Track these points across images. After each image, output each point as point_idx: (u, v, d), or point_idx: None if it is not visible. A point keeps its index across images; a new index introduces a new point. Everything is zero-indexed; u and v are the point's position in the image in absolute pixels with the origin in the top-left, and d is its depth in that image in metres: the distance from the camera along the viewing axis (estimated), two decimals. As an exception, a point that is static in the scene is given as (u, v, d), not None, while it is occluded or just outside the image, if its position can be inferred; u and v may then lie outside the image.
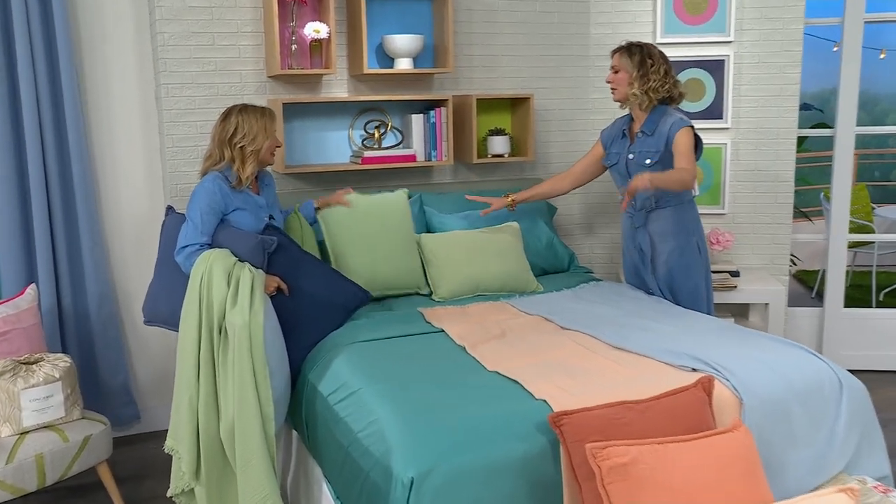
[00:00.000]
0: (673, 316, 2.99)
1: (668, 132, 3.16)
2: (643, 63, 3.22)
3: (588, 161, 3.56)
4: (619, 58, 3.26)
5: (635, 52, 3.24)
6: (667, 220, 3.28)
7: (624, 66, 3.24)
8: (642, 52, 3.24)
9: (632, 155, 3.28)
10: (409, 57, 3.78)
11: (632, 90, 3.22)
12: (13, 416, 2.88)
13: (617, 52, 3.29)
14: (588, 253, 4.47)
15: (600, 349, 2.64)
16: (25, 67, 3.39)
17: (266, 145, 3.00)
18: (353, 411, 2.36)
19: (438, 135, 3.84)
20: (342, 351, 2.75)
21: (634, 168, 3.27)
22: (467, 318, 3.05)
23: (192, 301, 2.70)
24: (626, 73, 3.24)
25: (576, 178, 3.60)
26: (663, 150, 3.18)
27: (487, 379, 2.41)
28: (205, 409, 2.67)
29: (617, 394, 2.23)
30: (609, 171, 3.47)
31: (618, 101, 3.33)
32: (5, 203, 3.47)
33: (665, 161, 3.19)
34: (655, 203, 3.28)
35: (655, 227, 3.30)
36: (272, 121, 3.02)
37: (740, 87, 4.19)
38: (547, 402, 2.19)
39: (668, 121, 3.20)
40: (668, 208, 3.28)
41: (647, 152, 3.23)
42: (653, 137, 3.22)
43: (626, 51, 3.26)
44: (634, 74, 3.21)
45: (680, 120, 3.18)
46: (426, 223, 3.72)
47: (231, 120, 2.96)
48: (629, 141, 3.33)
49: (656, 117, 3.24)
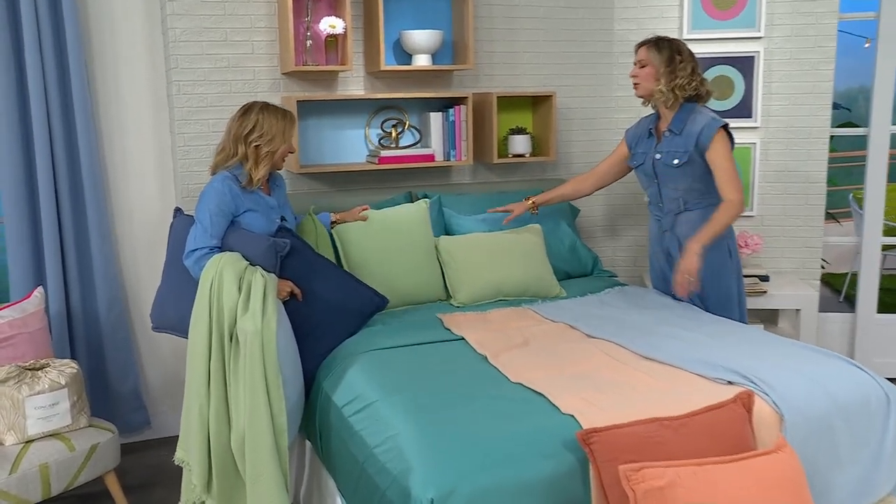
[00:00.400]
0: (704, 323, 2.86)
1: (700, 133, 3.02)
2: (672, 59, 3.08)
3: (612, 161, 3.43)
4: (646, 51, 3.12)
5: (664, 46, 3.10)
6: (696, 222, 3.14)
7: (651, 61, 3.10)
8: (671, 47, 3.10)
9: (659, 155, 3.14)
10: (428, 53, 3.66)
11: (658, 86, 3.08)
12: (17, 425, 2.79)
13: (644, 46, 3.14)
14: (611, 256, 4.33)
15: (629, 359, 2.51)
16: (34, 64, 3.30)
17: (282, 149, 2.90)
18: (369, 425, 2.24)
19: (458, 134, 3.71)
20: (358, 359, 2.64)
21: (661, 169, 3.13)
22: (488, 325, 2.93)
23: (202, 307, 2.60)
24: (652, 67, 3.09)
25: (599, 179, 3.47)
26: (692, 150, 3.04)
27: (510, 391, 2.29)
28: (215, 419, 2.57)
29: (649, 409, 2.10)
30: (635, 171, 3.33)
31: (640, 97, 3.19)
32: (14, 204, 3.38)
33: (694, 161, 3.05)
34: (684, 205, 3.14)
35: (684, 231, 3.16)
36: (292, 125, 2.92)
37: (770, 85, 4.04)
38: (575, 417, 2.07)
39: (698, 120, 3.06)
40: (698, 210, 3.14)
41: (674, 152, 3.09)
42: (681, 137, 3.08)
43: (654, 45, 3.11)
44: (662, 70, 3.07)
45: (712, 120, 3.04)
46: (445, 225, 3.59)
47: (251, 116, 2.86)
48: (656, 140, 3.19)
49: (684, 115, 3.10)
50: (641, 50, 3.14)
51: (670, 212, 3.18)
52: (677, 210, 3.16)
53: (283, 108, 2.93)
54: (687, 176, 3.08)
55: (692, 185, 3.09)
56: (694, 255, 2.90)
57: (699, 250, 2.90)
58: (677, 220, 3.17)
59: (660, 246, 3.27)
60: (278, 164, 2.96)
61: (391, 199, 3.65)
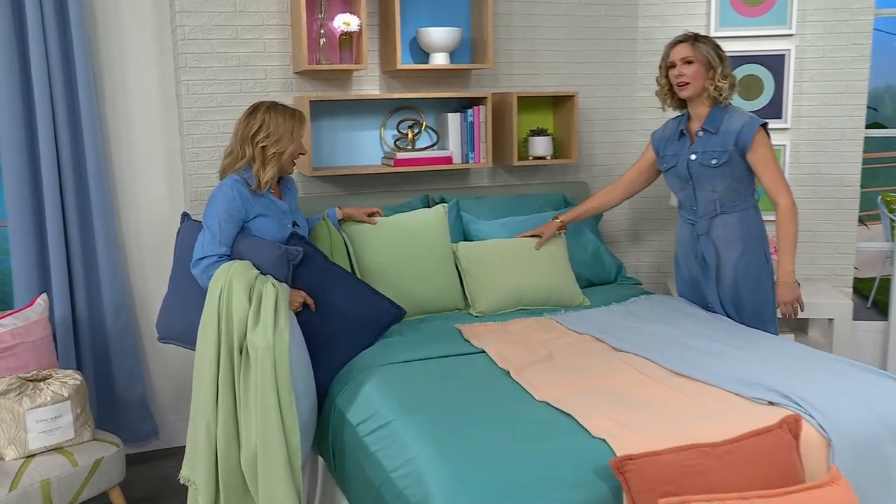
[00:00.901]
0: (737, 336, 2.71)
1: (739, 132, 2.87)
2: (720, 54, 2.94)
3: (640, 168, 3.28)
4: (689, 48, 2.93)
5: (705, 40, 2.95)
6: (733, 226, 2.99)
7: (699, 58, 2.92)
8: (710, 40, 2.96)
9: (694, 156, 2.99)
10: (446, 52, 3.52)
11: (712, 84, 2.92)
12: (18, 439, 2.68)
13: (684, 43, 2.96)
14: (634, 262, 4.19)
15: (660, 376, 2.37)
16: (39, 64, 3.19)
17: (290, 150, 2.76)
18: (386, 446, 2.11)
19: (476, 135, 3.58)
20: (373, 373, 2.50)
21: (697, 170, 2.98)
22: (509, 337, 2.79)
23: (210, 318, 2.47)
24: (701, 65, 2.92)
25: (627, 188, 3.32)
26: (731, 150, 2.89)
27: (536, 411, 2.15)
28: (224, 436, 2.44)
29: (686, 432, 1.95)
30: (665, 175, 3.18)
31: (688, 98, 2.99)
32: (18, 208, 3.27)
33: (734, 161, 2.91)
34: (720, 208, 2.99)
35: (720, 235, 3.01)
36: (301, 125, 2.78)
37: (801, 84, 3.88)
38: (607, 441, 1.93)
39: (735, 118, 2.91)
40: (735, 213, 2.98)
41: (712, 152, 2.94)
42: (717, 136, 2.93)
43: (695, 40, 2.95)
44: (716, 64, 2.91)
45: (752, 119, 2.89)
46: (463, 230, 3.46)
47: (257, 116, 2.74)
48: (689, 141, 3.04)
49: (719, 114, 2.95)
50: (682, 47, 2.95)
51: (705, 215, 3.03)
52: (713, 213, 3.01)
53: (293, 108, 2.81)
54: (725, 176, 2.94)
55: (730, 186, 2.95)
56: (791, 285, 2.88)
57: (793, 278, 2.88)
58: (713, 224, 3.02)
59: (692, 251, 3.12)
60: (287, 166, 2.82)
61: (407, 202, 3.51)
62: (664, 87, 3.06)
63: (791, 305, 2.90)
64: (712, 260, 3.02)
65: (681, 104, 3.08)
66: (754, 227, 3.00)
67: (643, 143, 4.05)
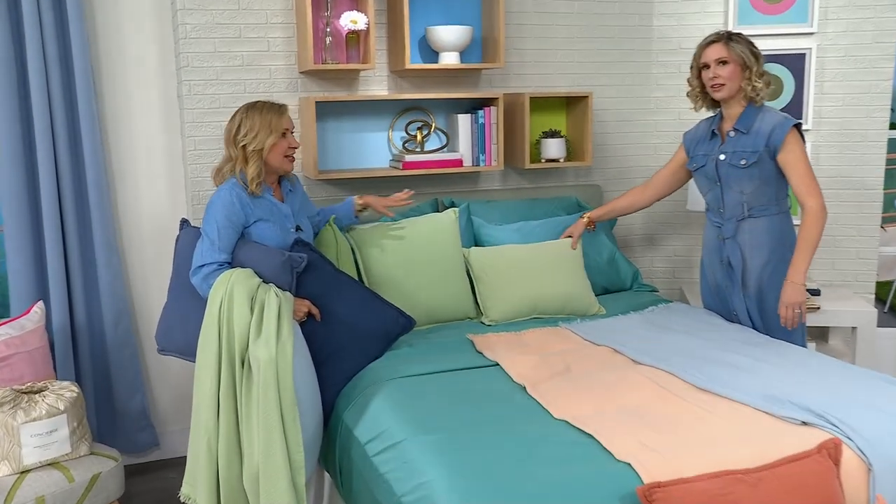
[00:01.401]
0: (761, 348, 2.59)
1: (771, 133, 2.77)
2: (755, 52, 2.83)
3: (671, 169, 3.18)
4: (724, 48, 2.82)
5: (742, 39, 2.84)
6: (761, 230, 2.87)
7: (734, 58, 2.81)
8: (747, 39, 2.85)
9: (723, 156, 2.87)
10: (456, 51, 3.40)
11: (749, 84, 2.81)
12: (12, 454, 2.57)
13: (717, 43, 2.84)
14: (648, 267, 4.07)
15: (684, 391, 2.25)
16: (36, 63, 3.08)
17: (269, 143, 2.61)
18: (396, 468, 1.99)
19: (487, 137, 3.46)
20: (382, 388, 2.39)
21: (726, 170, 2.87)
22: (524, 348, 2.68)
23: (211, 329, 2.36)
24: (737, 65, 2.81)
25: (658, 190, 3.22)
26: (762, 151, 2.78)
27: (555, 430, 2.03)
28: (226, 453, 2.33)
29: (716, 456, 1.84)
30: (694, 175, 3.06)
31: (722, 99, 2.88)
32: (14, 211, 3.16)
33: (763, 163, 2.80)
34: (748, 211, 2.87)
35: (747, 239, 2.89)
36: (279, 116, 2.65)
37: (823, 84, 3.76)
38: (632, 465, 1.81)
39: (768, 118, 2.81)
40: (763, 218, 2.87)
41: (742, 152, 2.83)
42: (748, 136, 2.83)
43: (729, 39, 2.83)
44: (753, 66, 2.80)
45: (784, 119, 2.78)
46: (474, 235, 3.34)
47: (236, 117, 2.66)
48: (720, 140, 2.92)
49: (752, 113, 2.84)
50: (716, 47, 2.84)
51: (732, 218, 2.91)
52: (740, 216, 2.89)
53: (273, 102, 2.69)
54: (754, 178, 2.82)
55: (759, 188, 2.84)
56: (799, 287, 2.74)
57: (803, 280, 2.74)
58: (740, 227, 2.90)
59: (718, 255, 3.00)
60: (279, 163, 2.67)
61: (416, 207, 3.40)
62: (696, 88, 2.97)
63: (792, 309, 2.75)
64: (738, 265, 2.91)
65: (714, 104, 2.98)
66: (783, 233, 2.89)
67: (658, 145, 3.95)
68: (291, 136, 2.70)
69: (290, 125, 2.69)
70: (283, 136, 2.66)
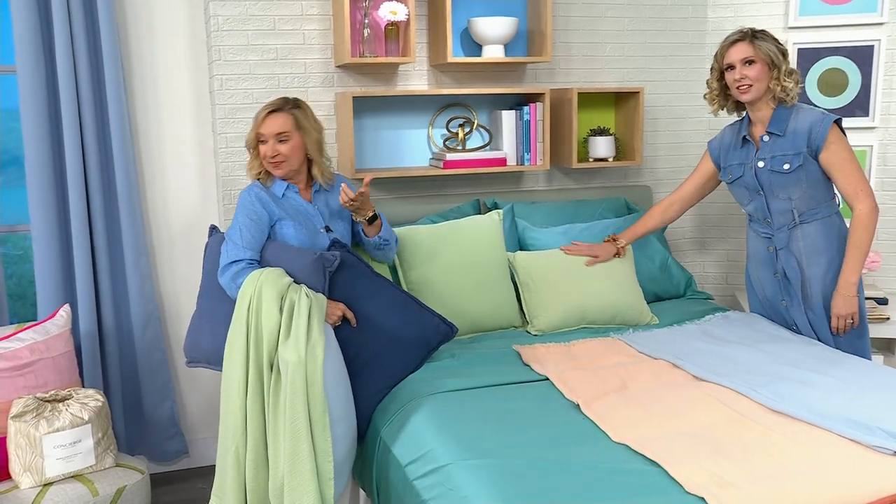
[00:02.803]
0: (836, 365, 2.38)
1: (810, 131, 2.59)
2: (782, 50, 2.66)
3: (697, 182, 2.99)
4: (750, 47, 2.64)
5: (765, 36, 2.66)
6: (816, 235, 2.68)
7: (761, 57, 2.62)
8: (769, 36, 2.66)
9: (762, 162, 2.68)
10: (500, 44, 3.23)
11: (777, 84, 2.63)
12: (35, 465, 2.45)
13: (741, 42, 2.66)
14: (700, 273, 3.85)
15: (754, 412, 2.05)
16: (65, 58, 2.97)
17: (250, 138, 2.56)
18: (440, 494, 1.82)
19: (533, 134, 3.28)
20: (423, 403, 2.22)
21: (767, 177, 2.67)
22: (574, 361, 2.49)
23: (239, 331, 2.22)
24: (764, 64, 2.63)
25: (685, 203, 3.05)
26: (804, 152, 2.60)
27: (615, 455, 1.85)
28: (253, 462, 2.20)
29: (799, 491, 1.64)
30: (730, 187, 2.87)
31: (750, 101, 2.69)
32: (42, 214, 3.04)
33: (808, 164, 2.61)
34: (799, 217, 2.67)
35: (802, 247, 2.70)
36: (259, 117, 2.54)
37: (892, 79, 3.51)
38: (706, 501, 1.62)
39: (804, 116, 2.62)
40: (816, 222, 2.69)
41: (782, 157, 2.64)
42: (785, 138, 2.64)
43: (754, 37, 2.65)
44: (782, 65, 2.63)
45: (822, 116, 2.60)
46: (518, 239, 3.16)
47: None
48: (754, 147, 2.72)
49: (784, 114, 2.66)
50: (741, 46, 2.65)
51: (783, 227, 2.72)
52: (791, 224, 2.69)
53: (277, 99, 2.59)
54: (801, 182, 2.64)
55: (807, 191, 2.65)
56: (851, 298, 2.60)
57: (854, 291, 2.59)
58: (792, 236, 2.71)
59: (769, 269, 2.80)
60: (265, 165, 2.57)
61: (457, 208, 3.23)
62: (715, 91, 2.79)
63: (846, 320, 2.62)
64: (796, 276, 2.71)
65: (738, 106, 2.80)
66: (840, 235, 2.70)
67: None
68: (274, 144, 2.51)
69: (269, 130, 2.51)
70: (262, 142, 2.53)
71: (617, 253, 2.99)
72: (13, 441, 2.45)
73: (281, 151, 2.51)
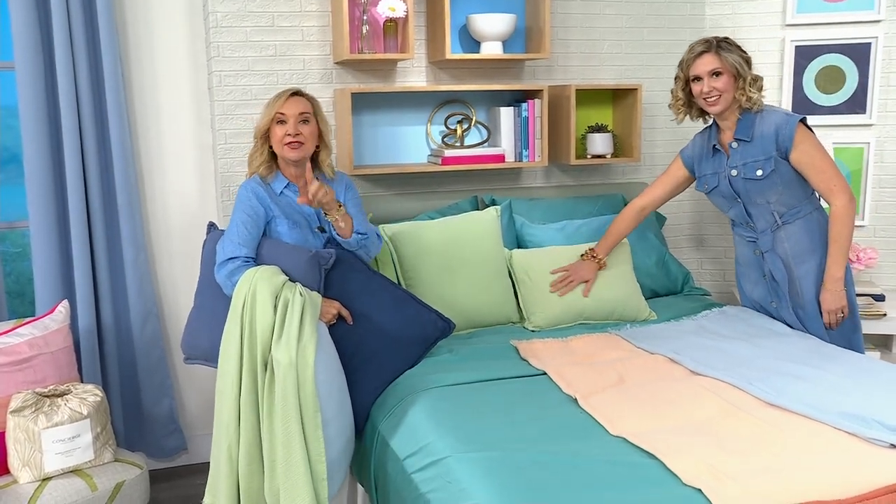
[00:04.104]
0: (831, 360, 2.39)
1: (777, 134, 2.60)
2: (746, 58, 2.65)
3: (669, 185, 2.95)
4: (715, 58, 2.62)
5: (731, 47, 2.65)
6: (800, 235, 2.70)
7: (728, 67, 2.62)
8: (733, 44, 2.66)
9: (734, 171, 2.69)
10: (499, 41, 3.23)
11: (743, 94, 2.62)
12: (33, 460, 2.45)
13: (706, 53, 2.64)
14: (697, 269, 3.86)
15: (753, 407, 2.06)
16: (63, 54, 2.97)
17: (263, 125, 2.53)
18: (439, 487, 1.83)
19: (531, 131, 3.28)
20: (421, 397, 2.23)
21: (742, 185, 2.69)
22: (572, 356, 2.50)
23: (233, 330, 2.23)
24: (730, 75, 2.63)
25: (655, 207, 3.04)
26: (775, 155, 2.61)
27: (613, 449, 1.86)
28: (246, 462, 2.20)
29: (795, 481, 1.65)
30: (708, 196, 2.87)
31: (718, 114, 2.70)
32: (41, 210, 3.04)
33: (780, 167, 2.62)
34: (780, 219, 2.69)
35: (787, 248, 2.72)
36: (277, 98, 2.53)
37: (889, 76, 3.53)
38: (703, 492, 1.63)
39: (768, 120, 2.63)
40: (798, 221, 2.70)
41: (754, 163, 2.65)
42: (753, 143, 2.65)
43: (718, 48, 2.64)
44: (747, 76, 2.62)
45: (787, 116, 2.61)
46: (516, 235, 3.17)
47: None
48: (724, 155, 2.73)
49: (750, 119, 2.66)
50: (708, 58, 2.64)
51: (765, 230, 2.74)
52: (773, 226, 2.71)
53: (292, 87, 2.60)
54: (776, 185, 2.65)
55: (784, 193, 2.67)
56: (838, 293, 2.63)
57: (841, 286, 2.61)
58: (776, 238, 2.73)
59: (757, 272, 2.82)
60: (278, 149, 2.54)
61: (455, 204, 3.24)
62: (680, 100, 2.78)
63: (836, 314, 2.66)
64: (783, 278, 2.73)
65: (702, 112, 2.79)
66: (823, 231, 2.71)
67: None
68: (297, 124, 2.51)
69: (292, 110, 2.51)
70: (281, 123, 2.51)
71: (600, 267, 2.95)
72: (12, 436, 2.45)
73: (302, 132, 2.51)
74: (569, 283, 2.89)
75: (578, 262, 2.94)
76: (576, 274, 2.90)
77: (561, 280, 2.89)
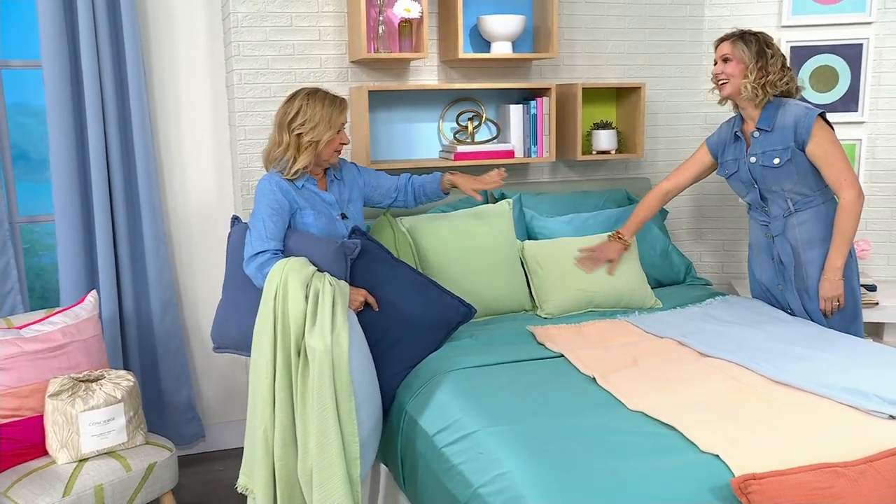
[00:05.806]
0: (833, 343, 2.52)
1: (796, 126, 2.74)
2: (762, 53, 2.79)
3: (695, 171, 3.10)
4: (730, 46, 2.82)
5: (751, 40, 2.81)
6: (811, 223, 2.83)
7: (738, 56, 2.79)
8: (759, 40, 2.81)
9: (753, 158, 2.83)
10: (508, 41, 3.36)
11: (747, 83, 2.78)
12: (71, 442, 2.55)
13: (726, 41, 2.85)
14: (697, 262, 4.00)
15: (761, 385, 2.19)
16: (89, 53, 3.07)
17: (326, 138, 2.60)
18: (471, 458, 1.95)
19: (539, 128, 3.41)
20: (446, 379, 2.35)
21: (760, 172, 2.82)
22: (586, 340, 2.63)
23: (266, 319, 2.32)
24: (740, 63, 2.79)
25: (680, 191, 3.17)
26: (793, 145, 2.75)
27: (633, 422, 1.98)
28: (281, 444, 2.29)
29: (805, 448, 1.78)
30: (727, 181, 3.02)
31: (726, 98, 2.88)
32: (66, 202, 3.14)
33: (796, 158, 2.76)
34: (793, 206, 2.82)
35: (797, 234, 2.84)
36: (340, 112, 2.62)
37: (880, 75, 3.67)
38: (720, 457, 1.76)
39: (790, 112, 2.77)
40: (810, 210, 2.83)
41: (772, 152, 2.79)
42: (773, 133, 2.79)
43: (739, 38, 2.82)
44: (752, 66, 2.78)
45: (807, 110, 2.74)
46: (526, 228, 3.29)
47: (295, 102, 2.62)
48: (745, 143, 2.88)
49: (772, 111, 2.81)
50: (724, 45, 2.85)
51: (778, 215, 2.87)
52: (786, 213, 2.85)
53: (334, 94, 2.65)
54: (792, 174, 2.79)
55: (798, 182, 2.80)
56: (837, 282, 2.76)
57: (840, 275, 2.74)
58: (787, 224, 2.86)
59: (768, 255, 2.95)
60: (328, 156, 2.66)
61: (466, 198, 3.36)
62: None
63: (832, 302, 2.79)
64: (790, 262, 2.86)
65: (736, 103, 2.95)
66: (833, 221, 2.83)
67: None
68: (344, 131, 2.68)
69: (346, 121, 2.68)
70: (338, 133, 2.64)
71: (625, 248, 3.11)
72: (50, 418, 2.55)
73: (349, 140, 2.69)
74: (594, 261, 3.04)
75: (605, 243, 3.10)
76: (602, 253, 3.06)
77: (588, 258, 3.05)
